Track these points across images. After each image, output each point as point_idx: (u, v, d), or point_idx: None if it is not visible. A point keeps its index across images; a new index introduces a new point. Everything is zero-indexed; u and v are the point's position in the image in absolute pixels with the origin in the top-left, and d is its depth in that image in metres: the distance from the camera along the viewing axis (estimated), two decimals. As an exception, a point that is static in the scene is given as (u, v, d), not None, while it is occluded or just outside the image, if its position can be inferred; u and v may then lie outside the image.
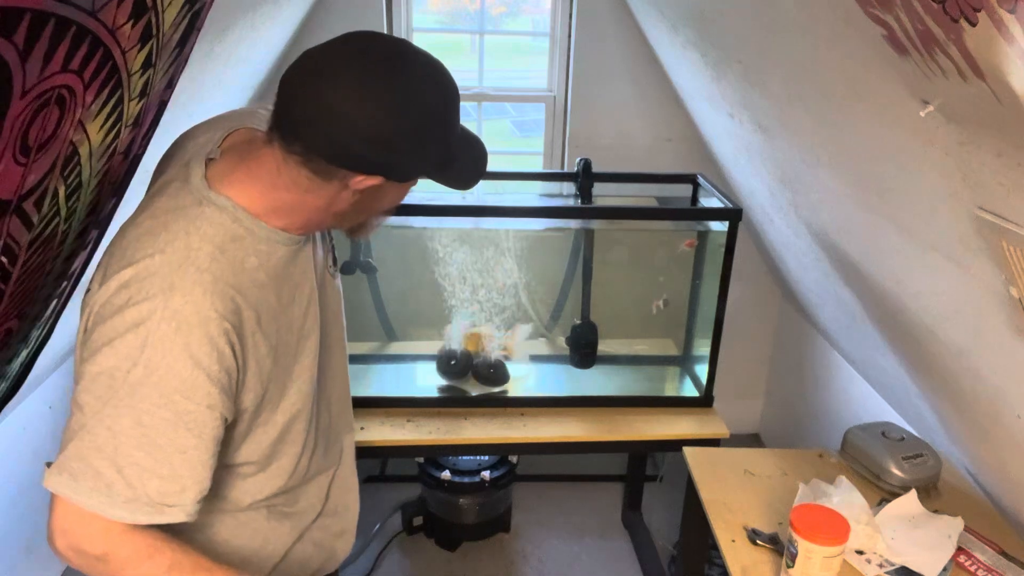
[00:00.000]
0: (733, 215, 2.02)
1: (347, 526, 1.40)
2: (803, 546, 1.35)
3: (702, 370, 2.23)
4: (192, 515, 0.98)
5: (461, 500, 2.56)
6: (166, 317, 0.92)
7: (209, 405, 0.95)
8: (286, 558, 1.25)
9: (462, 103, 1.06)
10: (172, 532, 1.03)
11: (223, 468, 1.10)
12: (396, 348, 2.44)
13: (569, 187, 2.37)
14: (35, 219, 0.95)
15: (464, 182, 1.10)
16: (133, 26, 0.90)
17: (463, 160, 1.07)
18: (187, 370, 0.93)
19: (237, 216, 1.00)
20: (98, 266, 1.01)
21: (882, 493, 1.69)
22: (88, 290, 1.02)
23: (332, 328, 1.25)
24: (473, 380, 2.26)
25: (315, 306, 1.15)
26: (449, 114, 1.01)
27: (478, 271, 2.21)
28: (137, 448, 0.93)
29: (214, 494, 1.11)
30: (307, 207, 1.02)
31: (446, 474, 2.53)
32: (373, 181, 0.98)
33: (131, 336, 0.92)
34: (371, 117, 0.92)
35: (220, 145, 1.06)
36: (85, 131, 0.95)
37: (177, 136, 1.15)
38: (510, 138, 7.31)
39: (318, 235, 1.20)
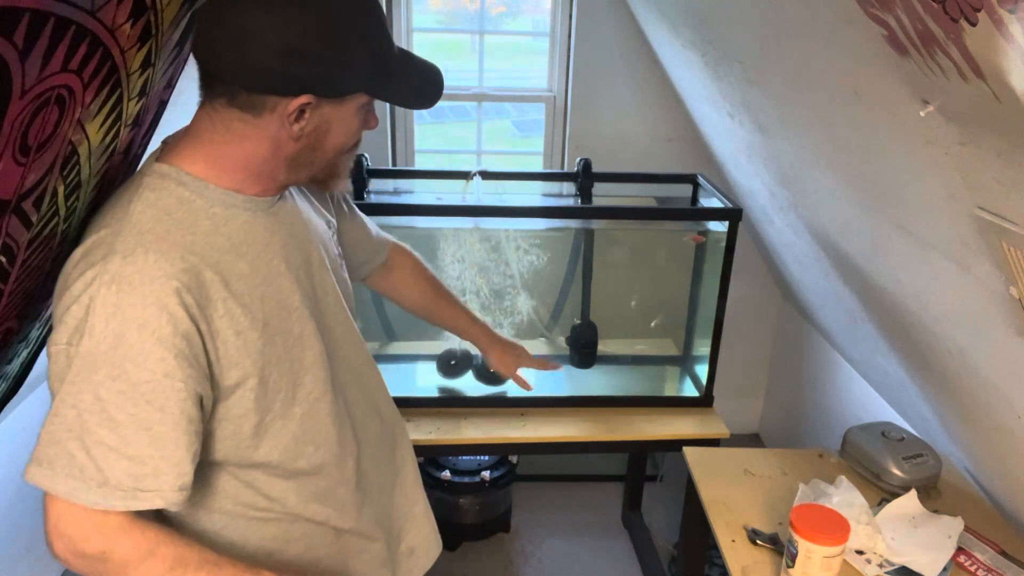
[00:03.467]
0: (733, 215, 2.02)
1: (415, 543, 1.34)
2: (803, 546, 1.35)
3: (702, 370, 2.23)
4: (175, 503, 0.94)
5: (461, 500, 2.56)
6: (105, 281, 0.89)
7: (166, 374, 0.90)
8: None
9: (462, 103, 1.05)
10: (212, 537, 1.03)
11: (253, 469, 1.06)
12: (396, 348, 2.44)
13: (569, 187, 2.36)
14: (34, 219, 0.95)
15: (417, 99, 1.08)
16: (132, 25, 0.90)
17: (407, 76, 1.04)
18: (133, 334, 0.88)
19: (182, 180, 0.97)
20: None
21: (882, 493, 1.69)
22: None
23: (339, 306, 1.20)
24: (473, 380, 2.26)
25: (315, 283, 1.11)
26: (364, 17, 0.97)
27: (478, 271, 2.21)
28: (99, 425, 0.89)
29: (261, 505, 1.08)
30: (253, 158, 0.98)
31: (446, 474, 2.53)
32: (302, 100, 0.94)
33: (75, 307, 0.89)
34: (276, 27, 0.90)
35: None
36: (84, 131, 0.95)
37: None
38: (510, 138, 7.30)
39: (310, 209, 1.16)
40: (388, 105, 2.54)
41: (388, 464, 1.29)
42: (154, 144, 1.29)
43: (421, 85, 1.07)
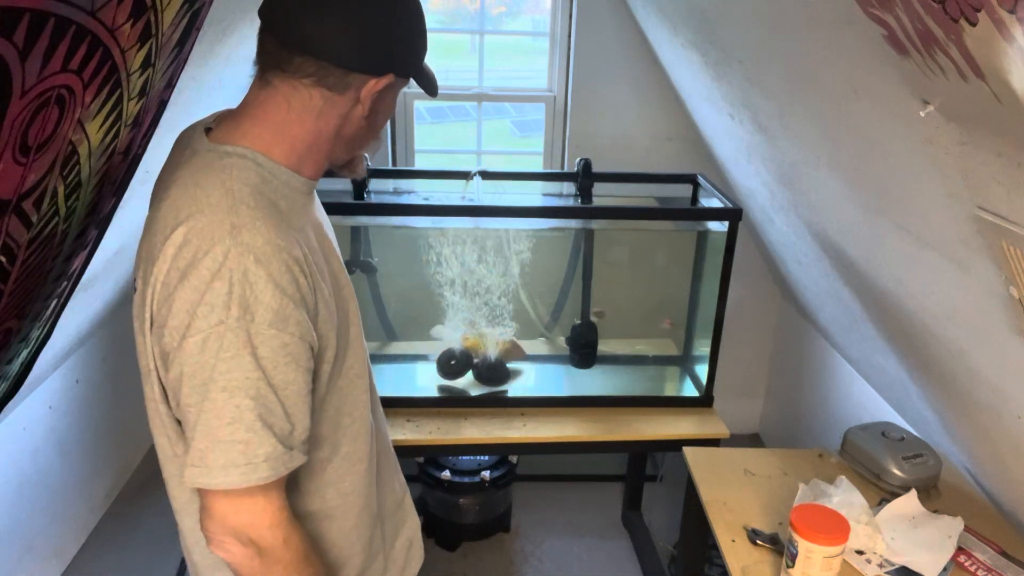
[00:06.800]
0: (733, 215, 2.02)
1: (412, 535, 1.34)
2: (803, 546, 1.35)
3: (702, 370, 2.23)
4: (305, 456, 0.97)
5: (461, 500, 2.56)
6: (243, 252, 0.90)
7: (301, 335, 0.93)
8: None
9: (462, 103, 1.07)
10: None
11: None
12: (396, 348, 2.44)
13: (569, 187, 2.37)
14: (34, 219, 0.95)
15: (433, 85, 1.11)
16: (132, 25, 0.90)
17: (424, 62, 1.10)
18: (276, 300, 0.90)
19: (258, 161, 0.98)
20: (136, 267, 1.00)
21: (882, 493, 1.69)
22: (135, 290, 1.00)
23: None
24: (473, 380, 2.26)
25: (342, 259, 1.14)
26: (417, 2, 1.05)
27: (478, 271, 2.21)
28: (256, 397, 0.90)
29: (302, 491, 1.08)
30: (321, 136, 1.02)
31: (446, 474, 2.53)
32: (385, 81, 1.00)
33: (217, 283, 0.89)
34: (371, 12, 0.96)
35: (214, 120, 1.06)
36: (84, 131, 0.95)
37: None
38: (510, 138, 7.31)
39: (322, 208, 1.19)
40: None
41: (392, 453, 1.31)
42: (155, 144, 1.29)
43: (431, 72, 1.12)
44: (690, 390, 2.33)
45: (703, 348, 2.24)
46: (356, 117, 1.02)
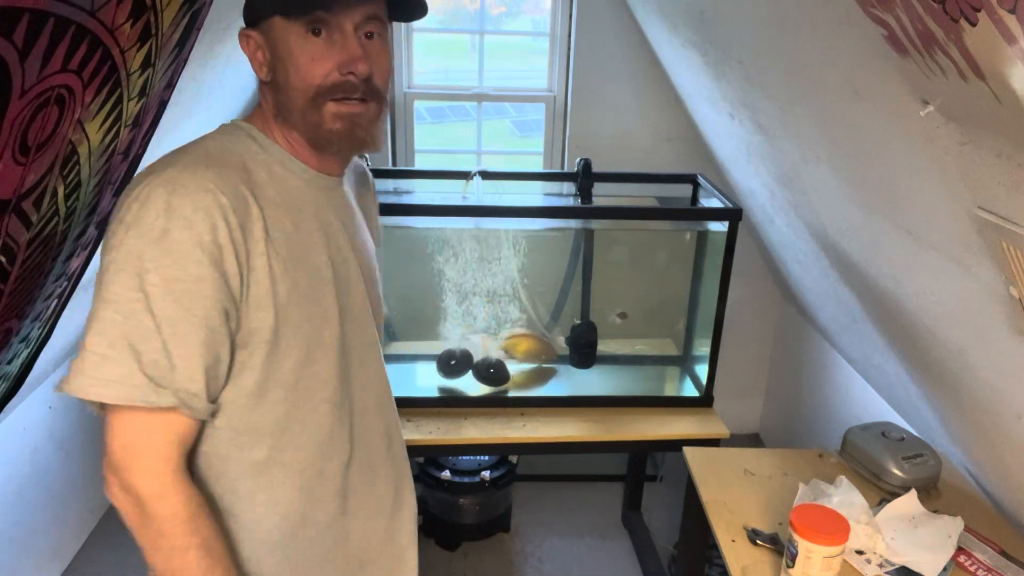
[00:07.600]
0: (733, 215, 2.02)
1: None
2: (803, 546, 1.35)
3: (702, 370, 2.23)
4: (193, 409, 0.93)
5: (461, 500, 2.56)
6: (162, 183, 0.92)
7: (199, 278, 0.91)
8: None
9: (462, 103, 1.06)
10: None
11: (238, 438, 1.01)
12: (396, 348, 2.44)
13: (569, 187, 2.37)
14: (34, 218, 0.95)
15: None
16: (132, 25, 0.90)
17: None
18: (177, 233, 0.90)
19: (253, 135, 1.04)
20: None
21: (882, 493, 1.69)
22: None
23: (366, 314, 1.17)
24: (473, 380, 2.26)
25: (346, 267, 1.10)
26: None
27: (478, 271, 2.21)
28: (128, 316, 0.89)
29: (232, 488, 1.03)
30: (268, 112, 1.05)
31: (446, 474, 2.53)
32: (240, 32, 1.01)
33: (135, 205, 0.92)
34: None
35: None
36: (84, 131, 0.95)
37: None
38: (510, 138, 7.30)
39: (363, 222, 1.18)
40: (390, 103, 2.55)
41: (385, 494, 1.21)
42: (154, 144, 1.29)
43: None
44: (690, 390, 2.33)
45: (703, 348, 2.24)
46: (261, 82, 1.04)
